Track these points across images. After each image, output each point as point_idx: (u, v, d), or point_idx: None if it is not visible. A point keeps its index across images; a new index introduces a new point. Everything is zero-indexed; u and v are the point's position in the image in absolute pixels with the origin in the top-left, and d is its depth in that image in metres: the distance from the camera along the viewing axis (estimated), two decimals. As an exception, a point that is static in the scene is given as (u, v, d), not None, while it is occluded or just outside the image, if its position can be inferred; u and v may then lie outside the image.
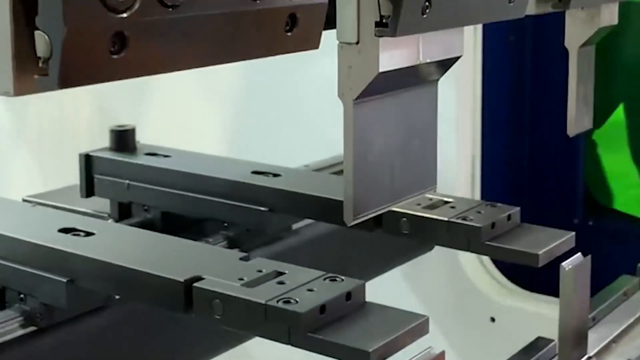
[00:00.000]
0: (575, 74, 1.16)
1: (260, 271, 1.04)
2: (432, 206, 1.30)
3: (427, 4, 0.79)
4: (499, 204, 1.31)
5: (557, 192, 2.42)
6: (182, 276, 1.02)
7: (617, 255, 2.12)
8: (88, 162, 1.58)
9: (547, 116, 2.36)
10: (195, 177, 1.47)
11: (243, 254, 1.10)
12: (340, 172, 1.46)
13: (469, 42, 2.01)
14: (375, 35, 0.78)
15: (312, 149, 1.95)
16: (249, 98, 2.46)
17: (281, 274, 1.04)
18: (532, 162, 2.37)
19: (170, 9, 0.54)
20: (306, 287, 0.99)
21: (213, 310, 0.99)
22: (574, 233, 1.25)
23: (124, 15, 0.51)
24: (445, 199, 1.34)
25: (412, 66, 0.83)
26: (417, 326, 0.97)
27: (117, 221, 1.54)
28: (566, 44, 1.16)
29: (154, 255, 1.11)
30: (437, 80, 0.90)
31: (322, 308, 0.95)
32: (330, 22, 0.81)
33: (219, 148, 2.44)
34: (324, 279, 1.02)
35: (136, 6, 0.52)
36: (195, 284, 1.01)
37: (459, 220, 1.24)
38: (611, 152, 2.55)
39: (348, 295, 0.99)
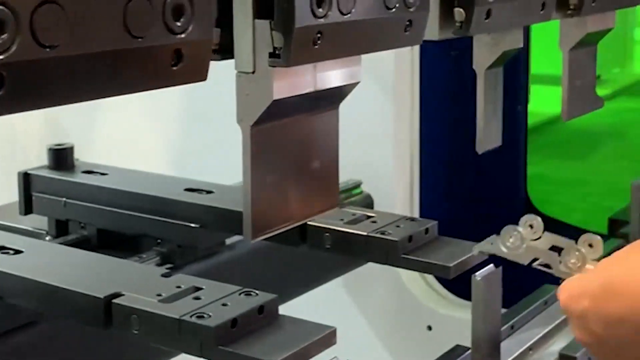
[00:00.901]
0: (483, 95, 1.22)
1: (179, 287, 1.08)
2: (355, 221, 1.36)
3: (318, 35, 0.84)
4: (419, 218, 1.37)
5: (499, 202, 2.48)
6: (102, 293, 1.06)
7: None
8: (26, 180, 1.61)
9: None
10: (129, 195, 1.51)
11: (165, 271, 1.15)
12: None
13: (406, 56, 2.07)
14: (269, 66, 0.83)
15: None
16: (197, 114, 2.50)
17: (199, 289, 1.08)
18: (473, 173, 2.43)
19: (48, 50, 0.58)
20: (221, 302, 1.04)
21: (131, 325, 1.03)
22: (486, 247, 1.30)
23: (1, 57, 0.56)
24: (368, 214, 1.39)
25: (309, 93, 0.88)
26: (324, 337, 1.02)
27: (55, 238, 1.58)
28: (474, 66, 1.22)
29: (79, 273, 1.15)
30: (338, 105, 0.95)
31: (234, 322, 1.00)
32: (229, 52, 0.86)
33: (166, 163, 2.48)
34: (239, 294, 1.07)
35: (13, 48, 0.56)
36: (114, 300, 1.05)
37: (378, 235, 1.29)
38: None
39: (261, 309, 1.03)
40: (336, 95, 0.93)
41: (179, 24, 0.69)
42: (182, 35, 0.69)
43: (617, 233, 1.82)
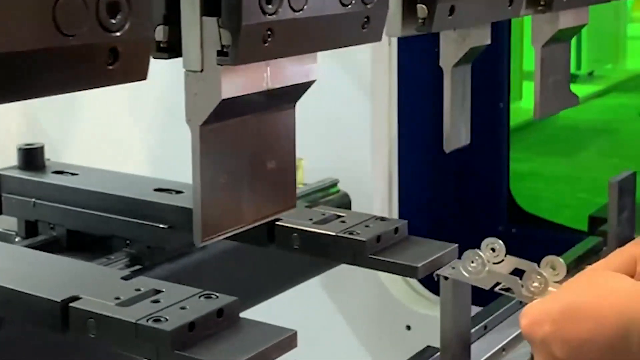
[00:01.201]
0: (450, 93, 1.20)
1: (138, 290, 1.06)
2: (324, 221, 1.34)
3: (268, 32, 0.82)
4: (389, 218, 1.35)
5: (480, 200, 2.46)
6: (60, 296, 1.04)
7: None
8: (-5, 181, 1.59)
9: (471, 125, 2.40)
10: (98, 195, 1.50)
11: (125, 273, 1.13)
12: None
13: (384, 53, 2.05)
14: (217, 64, 0.81)
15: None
16: (177, 113, 2.47)
17: (159, 292, 1.06)
18: (454, 171, 2.41)
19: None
20: (179, 305, 1.02)
21: (88, 329, 1.01)
22: (456, 245, 1.28)
23: None
24: (338, 214, 1.37)
25: (261, 92, 0.86)
26: (284, 340, 1.00)
27: (24, 239, 1.56)
28: (441, 63, 1.20)
29: (38, 276, 1.13)
30: (294, 104, 0.93)
31: (191, 325, 0.98)
32: (177, 50, 0.84)
33: (147, 162, 2.46)
34: (199, 297, 1.05)
35: None
36: (71, 304, 1.03)
37: (346, 235, 1.27)
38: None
39: (220, 312, 1.01)
40: (291, 93, 0.91)
41: (114, 21, 0.67)
42: (118, 34, 0.67)
43: (597, 231, 1.80)
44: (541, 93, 1.36)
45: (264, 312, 1.86)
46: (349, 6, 0.90)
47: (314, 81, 0.92)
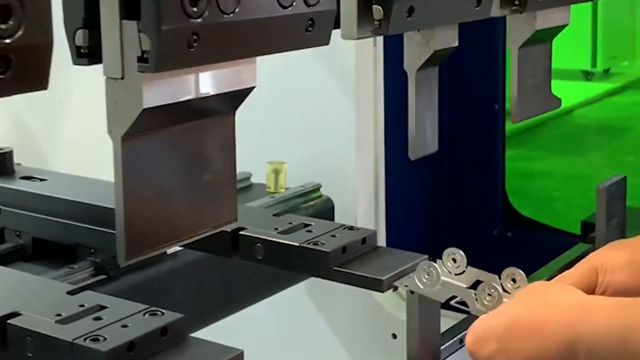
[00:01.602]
0: (414, 98, 1.14)
1: (82, 306, 1.02)
2: (290, 230, 1.28)
3: (194, 37, 0.77)
4: (358, 227, 1.29)
5: (476, 203, 2.40)
6: (-2, 312, 1.00)
7: (535, 266, 2.11)
8: (-37, 187, 1.55)
9: (465, 127, 2.35)
10: (64, 202, 1.46)
11: (72, 287, 1.08)
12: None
13: (369, 53, 1.99)
14: (138, 71, 0.76)
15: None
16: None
17: (104, 308, 1.01)
18: (445, 173, 2.35)
19: None
20: (122, 323, 0.97)
21: (26, 348, 0.97)
22: (426, 256, 1.22)
23: None
24: (306, 222, 1.32)
25: (190, 100, 0.81)
26: (229, 361, 0.95)
27: (-9, 247, 1.52)
28: (405, 67, 1.14)
29: (-19, 290, 1.08)
30: (232, 112, 0.88)
31: (131, 345, 0.93)
32: (98, 56, 0.78)
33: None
34: (144, 314, 1.00)
35: None
36: (10, 321, 0.99)
37: (310, 246, 1.22)
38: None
39: (164, 330, 0.96)
40: (227, 101, 0.86)
41: (4, 26, 0.62)
42: (8, 41, 0.62)
43: (587, 238, 1.74)
44: (519, 96, 1.30)
45: (246, 320, 1.81)
46: (289, 8, 0.84)
47: (253, 87, 0.87)
